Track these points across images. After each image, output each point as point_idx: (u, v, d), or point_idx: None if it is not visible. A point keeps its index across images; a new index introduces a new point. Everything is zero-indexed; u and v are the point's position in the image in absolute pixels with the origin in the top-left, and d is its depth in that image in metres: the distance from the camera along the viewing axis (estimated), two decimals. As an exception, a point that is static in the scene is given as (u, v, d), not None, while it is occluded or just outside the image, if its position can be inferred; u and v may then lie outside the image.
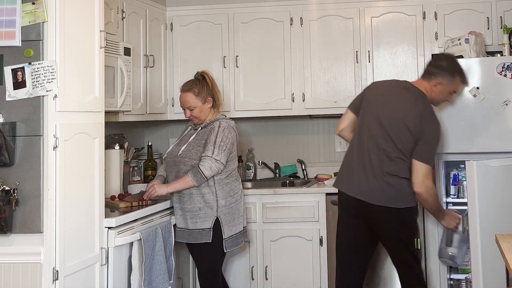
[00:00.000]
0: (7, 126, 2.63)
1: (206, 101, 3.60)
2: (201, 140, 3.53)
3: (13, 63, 2.68)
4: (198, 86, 3.60)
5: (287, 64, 4.52)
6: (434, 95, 3.49)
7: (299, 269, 4.14)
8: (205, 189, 3.49)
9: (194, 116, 3.60)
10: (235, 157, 3.63)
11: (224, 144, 3.48)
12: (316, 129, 4.86)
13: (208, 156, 3.44)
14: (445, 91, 3.49)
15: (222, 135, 3.49)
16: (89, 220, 2.95)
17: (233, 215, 3.56)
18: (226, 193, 3.53)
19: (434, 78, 3.47)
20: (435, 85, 3.47)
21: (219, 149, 3.46)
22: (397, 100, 3.46)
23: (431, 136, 3.38)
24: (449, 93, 3.52)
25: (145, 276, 3.22)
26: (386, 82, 3.68)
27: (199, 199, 3.49)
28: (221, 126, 3.53)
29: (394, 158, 3.36)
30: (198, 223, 3.49)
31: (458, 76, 3.51)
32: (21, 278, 2.65)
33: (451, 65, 3.52)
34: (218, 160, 3.44)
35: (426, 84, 3.49)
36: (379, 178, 3.36)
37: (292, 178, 4.77)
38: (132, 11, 4.06)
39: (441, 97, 3.52)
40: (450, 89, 3.51)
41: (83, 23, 2.95)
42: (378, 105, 3.46)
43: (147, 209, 3.43)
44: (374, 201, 3.36)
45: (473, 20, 4.32)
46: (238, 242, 3.61)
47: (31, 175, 2.66)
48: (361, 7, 4.48)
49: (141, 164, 4.52)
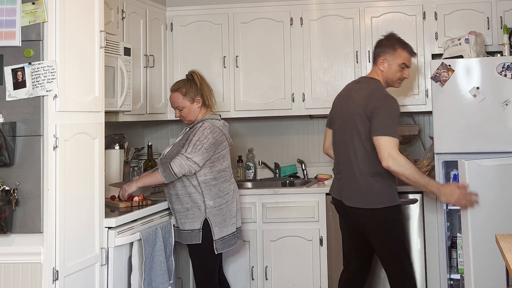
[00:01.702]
0: (7, 126, 2.63)
1: (194, 101, 3.58)
2: (186, 141, 3.50)
3: (13, 63, 2.68)
4: (186, 86, 3.59)
5: (287, 64, 4.52)
6: (385, 74, 3.50)
7: (299, 269, 4.14)
8: (191, 188, 3.48)
9: (183, 116, 3.59)
10: (223, 157, 3.57)
11: (200, 143, 3.43)
12: (316, 129, 4.85)
13: (181, 153, 3.42)
14: (392, 66, 3.49)
15: (200, 135, 3.45)
16: (89, 220, 2.95)
17: (224, 216, 3.53)
18: (214, 194, 3.50)
19: (378, 57, 3.52)
20: (381, 63, 3.49)
21: (194, 147, 3.42)
22: (350, 97, 3.51)
23: (382, 109, 3.31)
24: (399, 67, 3.50)
25: (145, 276, 3.22)
26: (345, 87, 3.72)
27: (186, 199, 3.48)
28: (202, 126, 3.49)
29: (361, 156, 3.36)
30: (187, 224, 3.48)
31: (399, 47, 3.51)
32: (21, 278, 2.65)
33: (390, 40, 3.54)
34: (190, 158, 3.40)
35: (375, 68, 3.54)
36: (352, 179, 3.39)
37: (292, 178, 4.77)
38: (132, 11, 4.06)
39: (393, 74, 3.51)
40: (398, 63, 3.50)
41: (83, 23, 2.95)
42: (341, 110, 3.54)
43: (147, 209, 3.43)
44: (351, 203, 3.40)
45: (473, 20, 4.32)
46: (230, 243, 3.58)
47: (31, 175, 2.66)
48: (361, 7, 4.48)
49: (141, 164, 4.51)
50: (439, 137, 3.89)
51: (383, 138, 3.25)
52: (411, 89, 4.39)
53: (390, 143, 3.24)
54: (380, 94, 3.41)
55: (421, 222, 4.04)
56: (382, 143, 3.25)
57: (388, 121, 3.29)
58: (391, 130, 3.27)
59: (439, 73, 3.91)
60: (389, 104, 3.36)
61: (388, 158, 3.22)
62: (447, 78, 3.88)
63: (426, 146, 4.60)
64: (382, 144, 3.25)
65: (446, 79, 3.88)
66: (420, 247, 4.03)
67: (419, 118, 4.73)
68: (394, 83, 3.55)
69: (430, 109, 4.09)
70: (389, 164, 3.23)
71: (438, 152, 3.90)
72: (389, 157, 3.22)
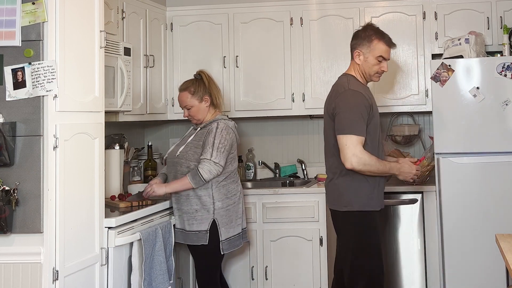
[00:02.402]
0: (7, 126, 2.63)
1: (203, 100, 3.59)
2: (199, 141, 3.52)
3: (13, 63, 2.68)
4: (195, 85, 3.60)
5: (287, 64, 4.52)
6: (362, 68, 3.31)
7: (299, 269, 4.14)
8: (202, 191, 3.48)
9: (192, 116, 3.60)
10: (234, 158, 3.61)
11: (223, 146, 3.46)
12: (316, 129, 4.86)
13: (207, 159, 3.42)
14: (369, 59, 3.28)
15: (220, 137, 3.47)
16: (89, 220, 2.95)
17: (230, 217, 3.54)
18: (223, 195, 3.51)
19: (354, 50, 3.32)
20: (357, 56, 3.30)
21: (218, 151, 3.44)
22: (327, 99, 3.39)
23: (341, 106, 3.16)
24: (376, 60, 3.29)
25: (145, 276, 3.22)
26: None
27: (195, 201, 3.48)
28: (219, 127, 3.51)
29: (331, 155, 3.29)
30: (195, 225, 3.48)
31: (376, 38, 3.30)
32: (21, 278, 2.65)
33: (366, 31, 3.34)
34: (217, 163, 3.42)
35: (352, 63, 3.35)
36: (327, 180, 3.36)
37: (292, 178, 4.77)
38: (132, 11, 4.06)
39: (369, 67, 3.29)
40: (374, 55, 3.28)
41: (83, 23, 2.95)
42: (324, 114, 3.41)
43: (147, 209, 3.43)
44: (328, 204, 3.38)
45: (473, 20, 4.32)
46: (236, 244, 3.59)
47: (31, 175, 2.66)
48: (361, 7, 4.48)
49: (141, 164, 4.51)
50: (439, 137, 3.89)
51: (343, 136, 3.11)
52: (411, 89, 4.39)
53: (351, 141, 3.08)
54: (339, 89, 3.23)
55: (421, 222, 4.04)
56: (342, 143, 3.11)
57: (348, 118, 3.12)
58: (349, 127, 3.10)
59: (439, 73, 3.91)
60: (346, 99, 3.17)
61: (351, 158, 3.07)
62: (447, 78, 3.88)
63: (426, 146, 4.60)
64: (342, 143, 3.10)
65: (446, 79, 3.88)
66: (420, 247, 4.04)
67: (419, 118, 4.73)
68: (372, 77, 3.33)
69: (430, 109, 4.09)
70: (354, 165, 3.08)
71: (438, 152, 3.90)
72: (353, 156, 3.07)
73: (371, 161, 3.11)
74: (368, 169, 3.12)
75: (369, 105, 3.21)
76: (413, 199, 4.04)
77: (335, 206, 3.28)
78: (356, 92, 3.19)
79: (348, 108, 3.14)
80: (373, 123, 3.23)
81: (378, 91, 4.38)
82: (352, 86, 3.23)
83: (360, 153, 3.08)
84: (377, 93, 4.40)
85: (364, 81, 3.36)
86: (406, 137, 4.57)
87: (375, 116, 3.26)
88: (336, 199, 3.27)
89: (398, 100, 4.41)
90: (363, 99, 3.19)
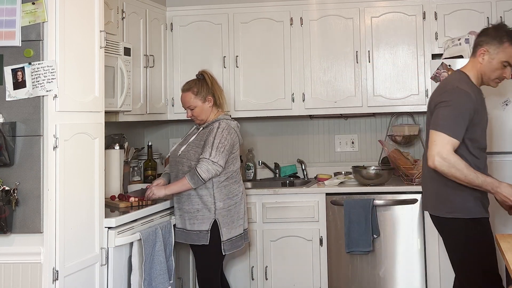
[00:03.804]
0: (7, 126, 2.63)
1: (206, 100, 3.59)
2: (200, 141, 3.52)
3: (13, 63, 2.68)
4: (198, 86, 3.60)
5: (287, 64, 4.52)
6: (483, 69, 3.02)
7: (299, 269, 4.14)
8: (203, 191, 3.48)
9: (195, 116, 3.60)
10: (236, 158, 3.60)
11: (223, 145, 3.46)
12: (316, 129, 4.86)
13: (205, 158, 3.42)
14: (494, 61, 3.00)
15: (221, 136, 3.47)
16: (89, 220, 2.95)
17: (232, 218, 3.54)
18: (224, 195, 3.51)
19: (480, 47, 3.03)
20: (481, 55, 3.02)
21: (217, 150, 3.44)
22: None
23: (443, 102, 2.93)
24: (501, 64, 3.01)
25: (145, 276, 3.22)
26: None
27: (197, 201, 3.49)
28: (220, 127, 3.51)
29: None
30: (196, 224, 3.48)
31: (507, 41, 2.99)
32: (21, 278, 2.65)
33: (498, 30, 3.04)
34: (216, 162, 3.42)
35: (472, 60, 3.06)
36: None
37: (292, 178, 4.77)
38: (132, 11, 4.06)
39: (491, 70, 3.01)
40: (500, 59, 3.00)
41: (83, 23, 2.95)
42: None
43: (147, 209, 3.43)
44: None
45: (473, 20, 4.32)
46: (237, 245, 3.59)
47: (31, 175, 2.66)
48: (361, 7, 4.48)
49: (141, 164, 4.52)
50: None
51: (435, 133, 2.87)
52: (411, 89, 4.39)
53: (443, 140, 2.84)
54: (447, 86, 2.99)
55: (421, 222, 4.04)
56: (432, 139, 2.88)
57: (447, 114, 2.88)
58: (446, 125, 2.86)
59: (439, 73, 3.91)
60: (451, 96, 2.90)
61: (435, 156, 2.83)
62: (447, 78, 3.86)
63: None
64: (433, 139, 2.87)
65: (446, 79, 3.86)
66: (420, 247, 4.04)
67: (419, 118, 4.73)
68: (490, 81, 3.06)
69: (430, 109, 4.09)
70: (435, 164, 2.85)
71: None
72: (437, 155, 2.83)
73: (458, 164, 2.82)
74: (453, 173, 2.83)
75: (473, 109, 2.92)
76: (413, 199, 4.04)
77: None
78: (465, 92, 2.92)
79: (449, 106, 2.89)
80: (475, 129, 2.95)
81: (378, 92, 4.39)
82: (461, 85, 2.96)
83: (447, 153, 2.82)
84: (376, 93, 4.41)
85: (479, 83, 3.08)
86: (406, 137, 4.57)
87: (479, 124, 2.98)
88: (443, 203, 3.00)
89: (398, 100, 4.41)
90: (470, 102, 2.91)
